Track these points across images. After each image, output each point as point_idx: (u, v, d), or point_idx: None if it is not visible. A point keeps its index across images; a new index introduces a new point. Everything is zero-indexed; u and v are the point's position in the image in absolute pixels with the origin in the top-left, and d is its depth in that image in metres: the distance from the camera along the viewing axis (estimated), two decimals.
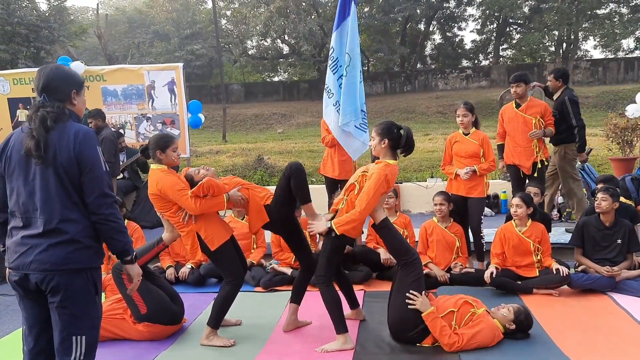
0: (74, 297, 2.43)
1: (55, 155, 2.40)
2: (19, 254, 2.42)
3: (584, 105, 22.96)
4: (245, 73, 36.11)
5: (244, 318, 4.40)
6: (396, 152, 3.81)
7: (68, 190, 2.42)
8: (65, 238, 2.40)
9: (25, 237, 2.43)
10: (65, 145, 2.40)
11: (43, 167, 2.41)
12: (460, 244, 5.22)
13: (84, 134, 2.47)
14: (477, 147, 5.33)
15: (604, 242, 4.85)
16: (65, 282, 2.40)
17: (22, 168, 2.46)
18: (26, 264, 2.40)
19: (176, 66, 8.55)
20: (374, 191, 3.63)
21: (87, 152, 2.43)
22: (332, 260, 3.81)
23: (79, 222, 2.44)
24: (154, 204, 3.91)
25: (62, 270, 2.39)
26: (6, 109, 8.59)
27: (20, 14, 19.46)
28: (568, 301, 4.57)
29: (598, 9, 28.21)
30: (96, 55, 30.81)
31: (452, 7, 33.55)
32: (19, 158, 2.47)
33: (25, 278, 2.43)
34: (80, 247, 2.44)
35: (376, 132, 3.79)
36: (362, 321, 4.26)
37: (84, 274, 2.46)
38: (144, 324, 4.00)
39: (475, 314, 3.75)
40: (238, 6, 31.04)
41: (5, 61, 18.67)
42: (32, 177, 2.44)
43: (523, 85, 5.84)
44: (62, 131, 2.43)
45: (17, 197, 2.48)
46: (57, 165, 2.40)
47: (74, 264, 2.42)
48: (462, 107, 5.46)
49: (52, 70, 2.56)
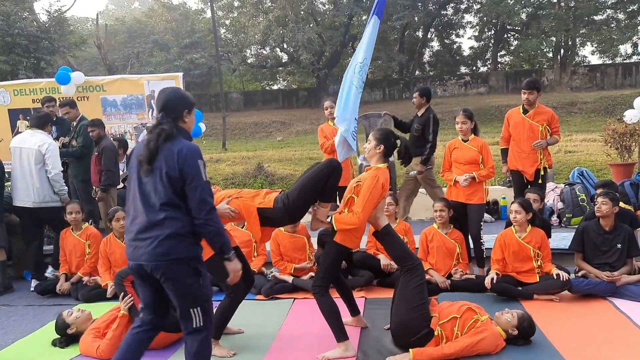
0: (180, 280, 2.89)
1: (162, 166, 2.83)
2: (133, 247, 2.91)
3: (583, 111, 23.08)
4: (245, 81, 36.23)
5: (245, 326, 4.40)
6: (387, 158, 3.88)
7: (170, 195, 2.84)
8: (167, 233, 2.82)
9: (137, 233, 2.89)
10: (171, 159, 2.83)
11: (153, 175, 2.86)
12: (461, 250, 5.24)
13: (188, 149, 2.87)
14: (476, 153, 5.38)
15: (604, 247, 4.85)
16: (172, 269, 2.86)
17: (137, 173, 2.93)
18: (139, 256, 2.87)
19: (176, 76, 8.58)
20: (369, 194, 3.67)
21: (190, 166, 2.84)
22: (329, 271, 3.84)
23: (178, 220, 2.86)
24: None
25: (167, 260, 2.83)
26: (7, 120, 8.61)
27: (20, 25, 19.50)
28: (568, 306, 4.58)
29: (595, 15, 28.30)
30: (96, 65, 30.90)
31: (449, 15, 33.72)
32: (135, 164, 2.94)
33: (139, 267, 2.89)
34: (180, 240, 2.86)
35: (374, 136, 3.87)
36: (364, 328, 4.26)
37: (185, 262, 2.89)
38: None
39: (478, 321, 3.76)
40: (237, 15, 31.14)
41: (5, 72, 18.73)
42: (144, 182, 2.89)
43: (535, 92, 5.83)
44: (171, 146, 2.86)
45: (132, 197, 2.96)
46: (162, 174, 2.83)
47: (176, 254, 2.84)
48: (461, 114, 5.51)
49: (171, 92, 3.04)
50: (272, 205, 3.63)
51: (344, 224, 3.69)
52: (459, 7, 33.29)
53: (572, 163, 10.70)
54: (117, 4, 54.43)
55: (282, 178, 11.11)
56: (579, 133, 16.38)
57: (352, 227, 3.69)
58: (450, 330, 3.72)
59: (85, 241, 5.63)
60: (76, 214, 5.63)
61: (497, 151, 6.38)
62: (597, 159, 10.93)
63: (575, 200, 7.47)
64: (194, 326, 2.95)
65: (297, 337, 4.20)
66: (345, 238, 3.75)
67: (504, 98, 26.84)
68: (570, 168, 9.83)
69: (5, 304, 5.50)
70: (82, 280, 5.50)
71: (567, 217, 7.49)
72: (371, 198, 3.68)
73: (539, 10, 29.04)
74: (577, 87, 28.43)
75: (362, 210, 3.65)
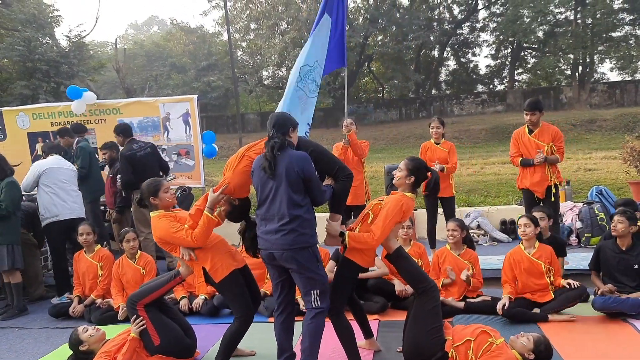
0: (303, 266, 3.48)
1: (283, 172, 3.46)
2: (264, 240, 3.56)
3: (602, 128, 22.80)
4: (261, 102, 36.51)
5: (257, 348, 4.35)
6: (415, 189, 3.86)
7: (292, 196, 3.46)
8: (292, 227, 3.43)
9: (267, 227, 3.53)
10: (290, 166, 3.46)
11: (276, 180, 3.48)
12: (475, 270, 5.14)
13: (301, 157, 3.53)
14: (446, 154, 6.55)
15: (621, 267, 4.74)
16: (296, 256, 3.45)
17: (263, 181, 3.55)
18: (269, 246, 3.52)
19: (190, 98, 8.65)
20: (390, 217, 3.63)
21: (307, 169, 3.49)
22: (343, 291, 3.77)
23: (300, 216, 3.46)
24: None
25: (292, 249, 3.43)
26: (26, 144, 8.76)
27: (41, 50, 19.94)
28: (587, 328, 4.45)
29: (613, 32, 28.17)
30: (115, 89, 31.46)
31: (465, 34, 33.81)
32: (260, 174, 3.57)
33: (270, 255, 3.53)
34: (302, 233, 3.46)
35: (406, 166, 3.82)
36: (377, 351, 4.18)
37: (307, 250, 3.49)
38: (157, 356, 3.97)
39: (493, 344, 3.65)
40: (253, 37, 31.55)
41: (26, 97, 19.10)
42: (270, 188, 3.52)
43: (538, 113, 5.98)
44: (286, 155, 3.51)
45: (262, 201, 3.57)
46: (284, 179, 3.46)
47: (299, 244, 3.45)
48: (436, 120, 6.72)
49: (279, 115, 3.76)
50: None
51: (359, 244, 3.65)
52: (474, 26, 33.38)
53: (592, 181, 10.52)
54: (136, 28, 55.58)
55: None
56: (598, 151, 16.16)
57: (366, 248, 3.67)
58: (465, 354, 3.62)
59: (98, 263, 5.65)
60: (87, 235, 5.64)
61: (505, 171, 6.30)
62: (618, 177, 10.73)
63: (594, 219, 7.32)
64: (312, 305, 3.52)
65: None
66: (357, 255, 3.71)
67: (521, 116, 26.51)
68: (590, 186, 9.66)
69: (20, 326, 5.52)
70: (95, 302, 5.50)
71: (587, 236, 7.34)
72: (391, 222, 3.65)
73: (555, 28, 29.01)
74: (596, 104, 28.17)
75: (380, 232, 3.61)
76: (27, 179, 6.26)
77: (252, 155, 3.71)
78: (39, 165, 6.32)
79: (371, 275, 5.28)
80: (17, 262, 5.80)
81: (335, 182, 3.70)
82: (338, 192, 3.69)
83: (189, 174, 8.62)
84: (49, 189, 6.21)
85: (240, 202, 3.87)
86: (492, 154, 17.81)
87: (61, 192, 6.28)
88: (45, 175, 6.24)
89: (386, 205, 3.70)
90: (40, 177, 6.23)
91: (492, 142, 22.93)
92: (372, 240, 3.62)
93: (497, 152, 18.56)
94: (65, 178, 6.38)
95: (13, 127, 8.81)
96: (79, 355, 4.10)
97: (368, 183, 7.23)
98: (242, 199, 3.88)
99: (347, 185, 3.71)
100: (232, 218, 3.95)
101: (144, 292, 4.04)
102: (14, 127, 8.81)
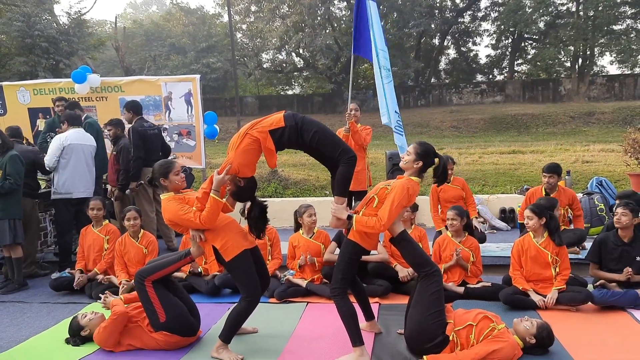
0: None
1: None
2: None
3: (600, 121, 22.87)
4: (260, 86, 36.34)
5: (258, 329, 4.39)
6: (422, 174, 3.84)
7: None
8: None
9: None
10: None
11: None
12: (475, 258, 5.18)
13: None
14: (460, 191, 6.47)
15: (623, 259, 4.77)
16: None
17: None
18: None
19: (193, 78, 8.62)
20: (397, 202, 3.63)
21: None
22: (347, 273, 3.79)
23: None
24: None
25: None
26: (27, 119, 8.72)
27: (40, 26, 19.75)
28: (587, 317, 4.50)
29: (614, 25, 28.10)
30: (113, 68, 31.22)
31: (466, 22, 33.64)
32: None
33: None
34: None
35: (415, 150, 3.79)
36: (378, 334, 4.22)
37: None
38: (161, 332, 3.99)
39: (495, 329, 3.69)
40: (254, 20, 31.29)
41: (25, 73, 18.97)
42: None
43: (556, 177, 6.07)
44: None
45: None
46: None
47: None
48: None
49: None
50: (283, 124, 3.70)
51: (366, 227, 3.65)
52: (476, 15, 33.22)
53: (590, 173, 10.56)
54: (135, 7, 55.05)
55: (296, 183, 11.09)
56: (596, 143, 16.20)
57: (373, 232, 3.68)
58: (466, 338, 3.66)
59: (105, 236, 5.68)
60: (97, 210, 5.71)
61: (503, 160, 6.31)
62: (616, 169, 10.78)
63: (593, 210, 7.36)
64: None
65: (310, 340, 4.16)
66: (360, 237, 3.73)
67: (520, 107, 26.68)
68: (587, 178, 9.71)
69: (20, 301, 5.54)
70: (97, 278, 5.52)
71: (586, 227, 7.38)
72: (397, 208, 3.64)
73: (557, 19, 28.92)
74: (594, 97, 28.20)
75: (388, 217, 3.61)
76: (50, 155, 6.24)
77: (254, 134, 3.65)
78: (62, 139, 6.30)
79: (372, 259, 5.30)
80: (18, 236, 5.81)
81: (338, 165, 3.63)
82: (341, 175, 3.64)
83: (189, 154, 8.62)
84: (69, 166, 6.26)
85: (246, 183, 3.87)
86: (490, 144, 17.84)
87: (79, 170, 6.35)
88: (67, 150, 6.27)
89: (393, 190, 3.69)
90: (62, 151, 6.24)
91: (491, 132, 22.96)
92: (380, 226, 3.62)
93: (495, 142, 18.59)
94: (85, 155, 6.44)
95: (14, 102, 8.78)
96: (77, 340, 4.20)
97: (369, 169, 7.25)
98: (248, 179, 3.87)
99: (349, 168, 3.65)
100: (238, 198, 3.96)
101: (153, 269, 4.05)
102: (14, 102, 8.77)
